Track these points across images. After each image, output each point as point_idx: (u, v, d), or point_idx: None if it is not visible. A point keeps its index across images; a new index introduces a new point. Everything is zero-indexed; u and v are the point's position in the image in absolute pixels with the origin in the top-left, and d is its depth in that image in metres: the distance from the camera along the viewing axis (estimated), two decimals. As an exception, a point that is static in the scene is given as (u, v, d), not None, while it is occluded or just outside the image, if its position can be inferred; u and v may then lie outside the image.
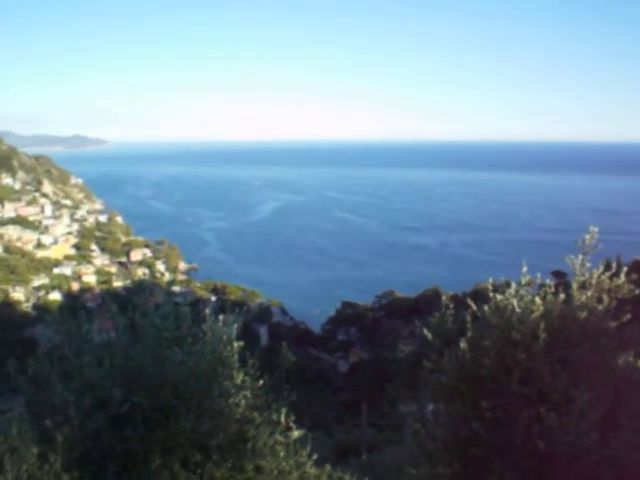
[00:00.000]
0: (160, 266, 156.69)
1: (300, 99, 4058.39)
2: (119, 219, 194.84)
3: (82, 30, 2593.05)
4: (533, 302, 7.11)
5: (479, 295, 9.01)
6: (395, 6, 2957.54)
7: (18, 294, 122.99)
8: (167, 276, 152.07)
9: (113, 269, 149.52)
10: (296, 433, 7.56)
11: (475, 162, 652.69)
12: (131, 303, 8.07)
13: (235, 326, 7.81)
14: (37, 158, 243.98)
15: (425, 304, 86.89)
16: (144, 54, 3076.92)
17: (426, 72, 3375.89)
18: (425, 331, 7.87)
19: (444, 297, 8.36)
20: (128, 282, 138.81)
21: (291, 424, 7.56)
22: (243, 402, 7.46)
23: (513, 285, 7.42)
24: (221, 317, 7.75)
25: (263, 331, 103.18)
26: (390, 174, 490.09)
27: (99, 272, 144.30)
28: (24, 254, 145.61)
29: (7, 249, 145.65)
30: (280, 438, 7.43)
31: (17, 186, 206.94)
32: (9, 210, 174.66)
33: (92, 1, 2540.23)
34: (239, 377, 7.57)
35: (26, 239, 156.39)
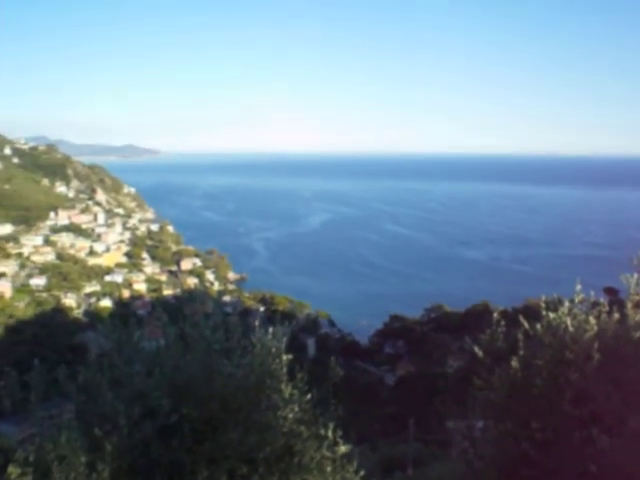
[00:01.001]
0: (210, 276, 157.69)
1: (348, 111, 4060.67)
2: (170, 228, 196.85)
3: (135, 46, 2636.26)
4: (587, 321, 7.00)
5: (530, 312, 8.84)
6: (438, 19, 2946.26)
7: (70, 300, 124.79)
8: (216, 286, 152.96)
9: (163, 277, 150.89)
10: (343, 448, 7.48)
11: (523, 175, 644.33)
12: (181, 313, 8.11)
13: (284, 339, 7.79)
14: (91, 167, 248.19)
15: (474, 319, 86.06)
16: (196, 69, 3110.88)
17: (469, 85, 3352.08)
18: (476, 348, 7.78)
19: (495, 314, 8.24)
20: (178, 291, 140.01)
21: (338, 439, 7.49)
22: (291, 415, 7.41)
23: (566, 303, 7.31)
24: (270, 329, 7.74)
25: (310, 342, 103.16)
26: (437, 187, 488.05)
27: (149, 280, 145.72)
28: (76, 261, 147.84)
29: (60, 256, 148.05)
30: (327, 453, 7.36)
31: (71, 194, 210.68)
32: (63, 218, 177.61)
33: (144, 19, 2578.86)
34: (287, 390, 7.54)
35: (79, 246, 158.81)
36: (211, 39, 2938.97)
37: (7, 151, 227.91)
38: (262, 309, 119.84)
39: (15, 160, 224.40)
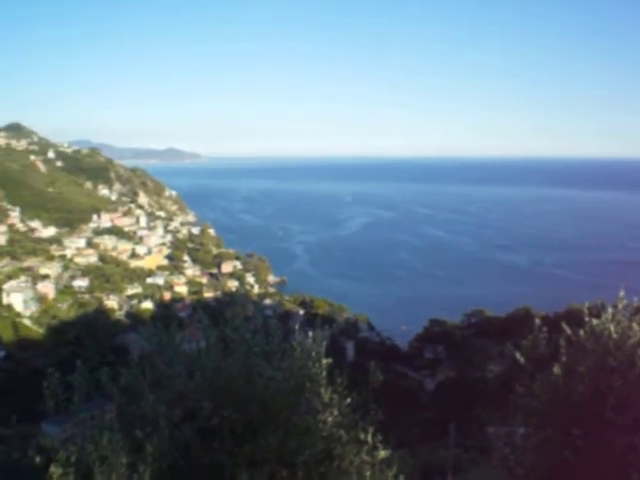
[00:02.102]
0: (250, 278, 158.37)
1: (387, 115, 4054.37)
2: (211, 231, 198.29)
3: (179, 53, 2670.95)
4: (630, 327, 6.90)
5: (573, 317, 8.74)
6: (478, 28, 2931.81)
7: (112, 302, 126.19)
8: (256, 289, 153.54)
9: (204, 280, 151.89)
10: (382, 453, 7.42)
11: (567, 179, 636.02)
12: (221, 315, 8.15)
13: (324, 343, 7.78)
14: (133, 170, 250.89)
15: (515, 324, 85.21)
16: (238, 76, 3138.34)
17: (509, 86, 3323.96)
18: (517, 354, 7.71)
19: (537, 319, 8.16)
20: (218, 293, 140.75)
21: (378, 443, 7.45)
22: (330, 419, 7.38)
23: (609, 309, 7.22)
24: (310, 333, 7.73)
25: (350, 346, 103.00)
26: (478, 190, 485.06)
27: (190, 283, 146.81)
28: (119, 263, 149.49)
29: (103, 258, 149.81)
30: (366, 457, 7.31)
31: (113, 197, 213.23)
32: (105, 220, 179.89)
33: (186, 29, 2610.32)
34: (327, 394, 7.52)
35: (121, 249, 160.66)
36: (252, 49, 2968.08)
37: (51, 154, 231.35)
38: (302, 312, 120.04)
39: (59, 163, 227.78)
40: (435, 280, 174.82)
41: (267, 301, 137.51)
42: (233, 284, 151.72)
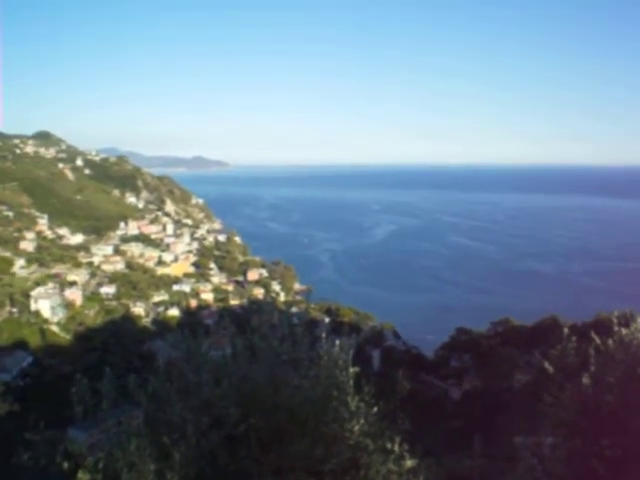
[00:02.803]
0: (275, 286, 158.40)
1: (413, 123, 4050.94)
2: (237, 239, 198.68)
3: (207, 65, 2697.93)
4: (660, 338, 6.84)
5: (601, 327, 8.64)
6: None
7: (138, 309, 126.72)
8: (282, 296, 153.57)
9: (230, 287, 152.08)
10: (409, 462, 7.40)
11: (596, 187, 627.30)
12: (248, 323, 8.17)
13: (351, 351, 7.76)
14: (160, 178, 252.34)
15: (543, 333, 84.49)
16: (266, 85, 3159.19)
17: (530, 92, 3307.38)
18: (545, 363, 7.66)
19: (565, 328, 8.09)
20: (244, 301, 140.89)
21: (404, 453, 7.41)
22: (357, 428, 7.37)
23: (638, 319, 7.15)
24: (337, 341, 7.72)
25: (375, 355, 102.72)
26: (505, 198, 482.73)
27: (216, 290, 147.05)
28: (145, 270, 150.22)
29: (129, 265, 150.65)
30: (393, 467, 7.29)
31: (141, 205, 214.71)
32: (132, 228, 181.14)
33: (214, 42, 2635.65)
34: (354, 403, 7.50)
35: (148, 256, 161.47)
36: (278, 64, 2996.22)
37: (79, 162, 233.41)
38: (328, 320, 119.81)
39: (87, 171, 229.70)
40: (461, 288, 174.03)
41: (293, 309, 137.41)
42: (259, 292, 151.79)
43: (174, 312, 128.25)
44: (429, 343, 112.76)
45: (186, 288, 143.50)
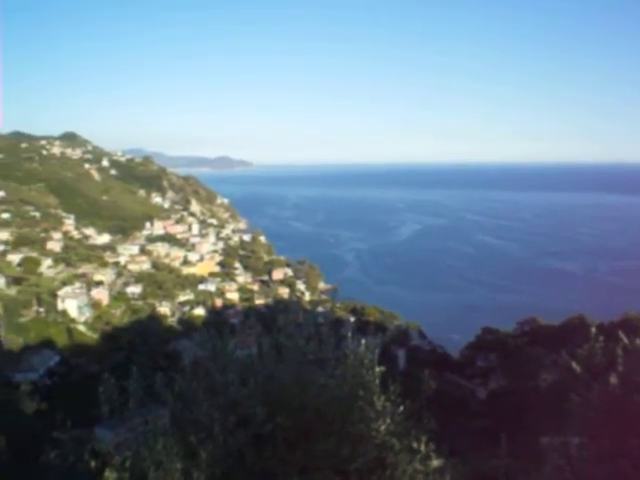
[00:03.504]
0: (300, 285, 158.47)
1: (437, 121, 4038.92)
2: (262, 238, 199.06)
3: (230, 65, 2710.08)
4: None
5: (629, 326, 8.58)
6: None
7: (164, 308, 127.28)
8: (307, 296, 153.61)
9: (255, 287, 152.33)
10: (435, 462, 7.37)
11: (618, 185, 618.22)
12: (273, 322, 8.19)
13: (377, 351, 7.75)
14: (186, 178, 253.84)
15: (569, 332, 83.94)
16: (289, 85, 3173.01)
17: (555, 92, 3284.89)
18: (573, 363, 7.59)
19: (592, 328, 8.02)
20: (269, 300, 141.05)
21: (431, 452, 7.38)
22: (383, 428, 7.35)
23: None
24: (363, 341, 7.71)
25: (401, 354, 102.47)
26: (529, 196, 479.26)
27: (242, 289, 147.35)
28: (171, 270, 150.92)
29: (155, 265, 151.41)
30: (419, 466, 7.25)
31: (166, 205, 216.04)
32: (158, 228, 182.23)
33: (242, 41, 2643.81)
34: (380, 402, 7.48)
35: (173, 256, 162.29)
36: (302, 63, 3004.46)
37: (105, 163, 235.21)
38: (352, 319, 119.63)
39: (113, 172, 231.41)
40: (487, 287, 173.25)
41: (318, 308, 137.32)
42: (284, 291, 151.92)
43: (200, 311, 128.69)
44: (455, 343, 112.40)
45: (211, 288, 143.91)
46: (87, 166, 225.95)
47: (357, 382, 7.41)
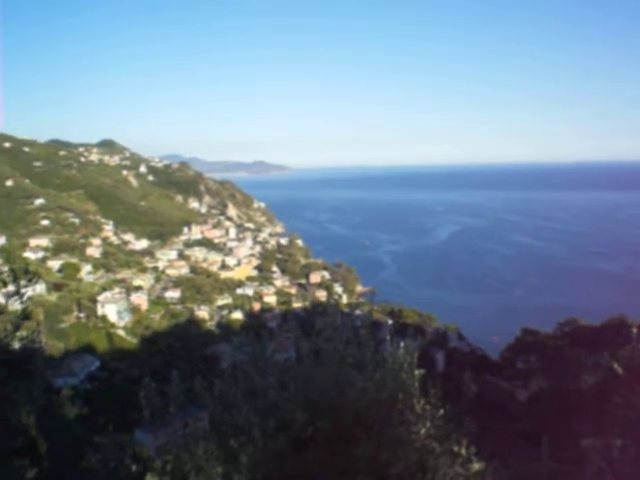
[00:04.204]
0: (338, 288, 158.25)
1: (474, 123, 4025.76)
2: (299, 242, 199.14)
3: (268, 72, 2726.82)
4: None
5: (672, 327, 8.43)
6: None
7: (203, 312, 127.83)
8: (344, 298, 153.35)
9: (293, 290, 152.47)
10: (476, 465, 7.28)
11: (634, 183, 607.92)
12: (311, 325, 8.16)
13: (416, 354, 7.70)
14: (222, 183, 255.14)
15: (610, 333, 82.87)
16: (326, 91, 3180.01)
17: (596, 91, 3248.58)
18: (614, 364, 7.50)
19: (634, 329, 7.91)
20: (307, 303, 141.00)
21: (472, 456, 7.29)
22: (423, 431, 7.29)
23: None
24: (402, 344, 7.66)
25: (439, 356, 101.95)
26: (567, 196, 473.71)
27: (279, 293, 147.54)
28: (209, 274, 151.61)
29: (193, 270, 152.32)
30: (460, 470, 7.17)
31: (203, 209, 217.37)
32: (196, 232, 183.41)
33: (273, 48, 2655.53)
34: (419, 406, 7.43)
35: (211, 260, 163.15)
36: (341, 69, 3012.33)
37: (142, 169, 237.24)
38: (390, 322, 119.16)
39: (150, 178, 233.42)
40: (525, 288, 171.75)
41: (356, 311, 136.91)
42: (321, 294, 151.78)
43: (238, 315, 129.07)
44: (494, 344, 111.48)
45: (249, 291, 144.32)
46: (125, 172, 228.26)
47: (396, 385, 7.36)
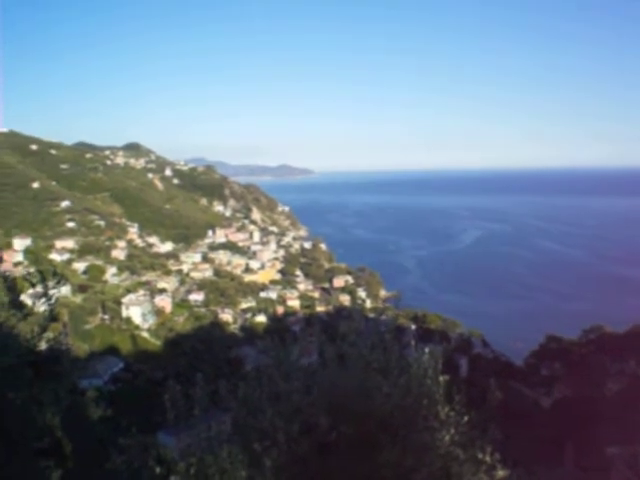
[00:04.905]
0: (361, 293, 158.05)
1: (501, 127, 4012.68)
2: (323, 246, 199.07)
3: (293, 76, 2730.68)
4: None
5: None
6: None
7: (226, 315, 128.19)
8: (368, 303, 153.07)
9: (316, 294, 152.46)
10: (501, 472, 7.23)
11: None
12: (334, 330, 8.15)
13: (440, 360, 7.66)
14: (247, 187, 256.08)
15: (636, 341, 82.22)
16: (350, 93, 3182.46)
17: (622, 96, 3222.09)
18: (641, 372, 7.41)
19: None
20: (330, 308, 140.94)
21: (496, 463, 7.24)
22: (447, 438, 7.25)
23: None
24: (427, 349, 7.63)
25: (463, 362, 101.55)
26: (592, 202, 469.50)
27: (303, 297, 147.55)
28: (233, 278, 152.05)
29: (217, 273, 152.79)
30: (484, 477, 7.13)
31: (228, 213, 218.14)
32: (220, 236, 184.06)
33: (303, 52, 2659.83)
34: (444, 412, 7.39)
35: (235, 263, 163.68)
36: (363, 75, 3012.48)
37: (168, 172, 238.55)
38: (414, 327, 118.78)
39: (175, 181, 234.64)
40: (550, 294, 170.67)
41: (379, 316, 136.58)
42: (345, 298, 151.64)
43: (261, 319, 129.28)
44: (518, 351, 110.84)
45: (273, 295, 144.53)
46: (150, 175, 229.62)
47: (421, 391, 7.34)
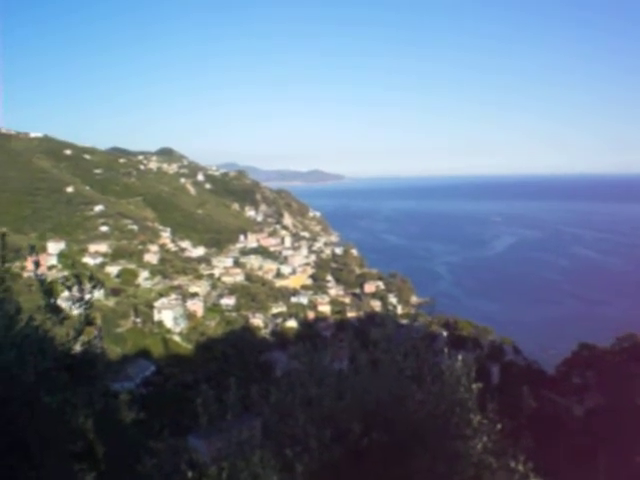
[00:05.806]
0: (392, 299, 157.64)
1: (532, 132, 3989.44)
2: (354, 251, 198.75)
3: (324, 81, 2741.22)
4: None
5: None
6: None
7: (257, 320, 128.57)
8: (399, 309, 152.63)
9: (347, 300, 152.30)
10: (533, 482, 7.19)
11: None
12: (365, 335, 8.16)
13: (473, 367, 7.63)
14: (278, 192, 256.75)
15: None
16: (382, 100, 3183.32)
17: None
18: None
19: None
20: (361, 313, 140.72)
21: (529, 472, 7.18)
22: (480, 446, 7.21)
23: None
24: (459, 357, 7.60)
25: (495, 370, 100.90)
26: (628, 208, 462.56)
27: (334, 302, 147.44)
28: (264, 283, 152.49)
29: (249, 277, 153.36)
30: (517, 486, 7.09)
31: (259, 218, 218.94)
32: (252, 241, 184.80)
33: (331, 56, 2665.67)
34: (476, 420, 7.35)
35: (266, 268, 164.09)
36: (395, 81, 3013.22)
37: (200, 177, 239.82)
38: (445, 334, 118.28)
39: (207, 186, 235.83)
40: (584, 302, 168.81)
41: (412, 322, 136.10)
42: (376, 304, 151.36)
43: (292, 324, 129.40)
44: (550, 358, 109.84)
45: (304, 300, 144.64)
46: (183, 180, 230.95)
47: (454, 399, 7.30)
